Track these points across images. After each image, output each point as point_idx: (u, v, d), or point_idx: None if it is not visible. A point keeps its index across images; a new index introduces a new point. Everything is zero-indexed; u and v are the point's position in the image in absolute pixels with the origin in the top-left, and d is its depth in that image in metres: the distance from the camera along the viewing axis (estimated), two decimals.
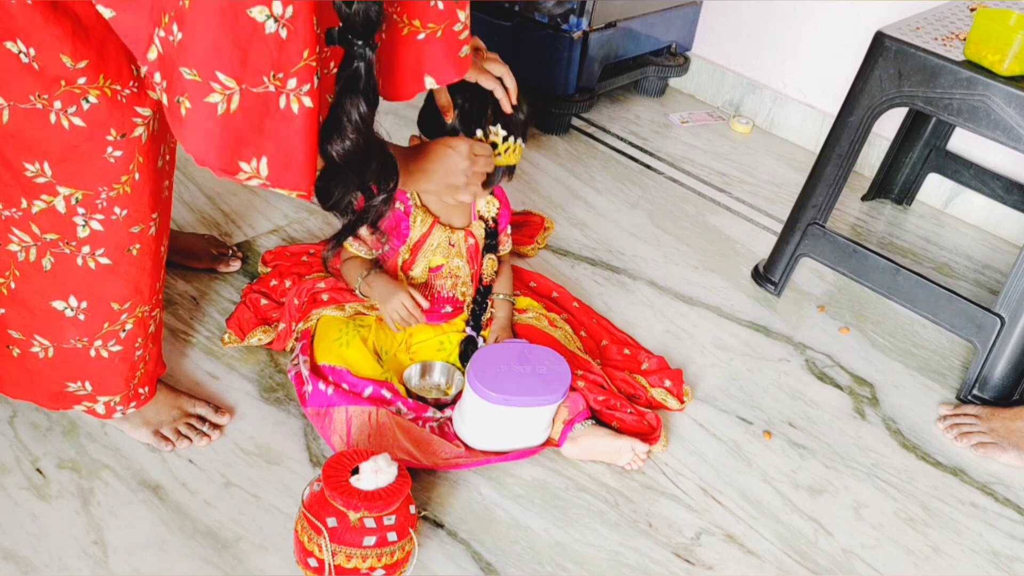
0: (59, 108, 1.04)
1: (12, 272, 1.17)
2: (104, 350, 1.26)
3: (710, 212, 2.21)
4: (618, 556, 1.33)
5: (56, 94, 1.03)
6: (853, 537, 1.43)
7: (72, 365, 1.26)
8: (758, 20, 2.56)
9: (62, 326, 1.22)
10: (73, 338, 1.24)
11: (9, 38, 0.99)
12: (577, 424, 1.44)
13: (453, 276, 1.57)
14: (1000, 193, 2.21)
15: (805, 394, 1.69)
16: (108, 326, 1.24)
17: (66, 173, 1.10)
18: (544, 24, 2.29)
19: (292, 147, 0.98)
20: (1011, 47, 1.49)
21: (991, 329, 1.66)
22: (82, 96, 1.05)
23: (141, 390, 1.34)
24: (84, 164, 1.10)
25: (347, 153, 1.05)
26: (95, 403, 1.31)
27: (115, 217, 1.16)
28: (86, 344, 1.24)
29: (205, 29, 0.90)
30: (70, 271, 1.18)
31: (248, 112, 0.94)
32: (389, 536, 1.16)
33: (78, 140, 1.07)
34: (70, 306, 1.21)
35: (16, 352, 1.25)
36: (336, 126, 1.04)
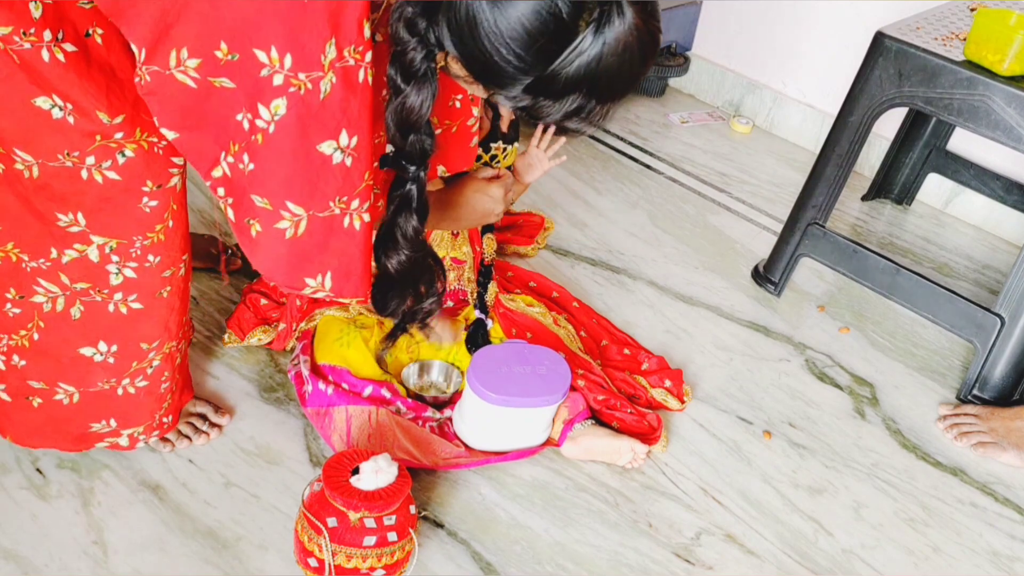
0: (92, 164, 1.04)
1: (36, 323, 1.16)
2: (131, 387, 1.25)
3: (710, 212, 2.21)
4: (618, 556, 1.33)
5: (89, 150, 1.03)
6: (853, 537, 1.43)
7: (98, 406, 1.25)
8: (758, 20, 2.56)
9: (90, 371, 1.21)
10: (101, 381, 1.22)
11: (42, 94, 0.98)
12: (577, 424, 1.44)
13: (457, 266, 1.57)
14: (1000, 193, 2.21)
15: (805, 394, 1.69)
16: (136, 365, 1.23)
17: (100, 223, 1.09)
18: None
19: (352, 260, 1.05)
20: (1011, 47, 1.49)
21: (991, 329, 1.66)
22: (118, 151, 1.04)
23: (165, 419, 1.33)
24: (119, 214, 1.09)
25: (401, 266, 1.11)
26: (119, 437, 1.30)
27: (148, 264, 1.15)
28: (114, 384, 1.23)
29: (277, 165, 0.95)
30: (101, 318, 1.17)
31: (314, 234, 1.00)
32: (389, 536, 1.16)
33: (113, 192, 1.07)
34: (99, 351, 1.19)
35: (37, 402, 1.23)
36: (391, 241, 1.10)
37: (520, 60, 0.92)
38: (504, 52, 0.92)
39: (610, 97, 0.98)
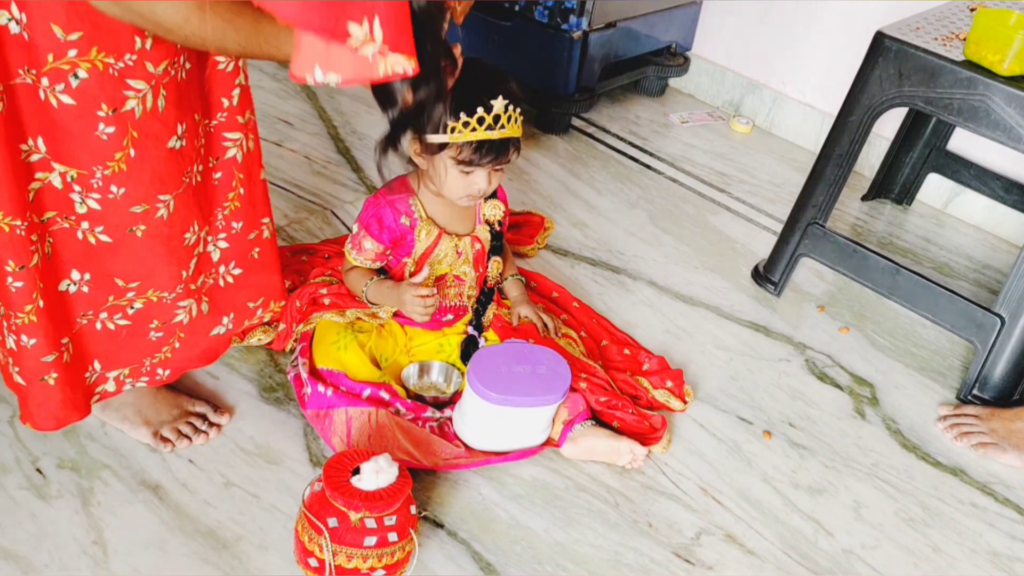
0: (47, 86, 1.01)
1: (37, 289, 1.14)
2: (110, 322, 1.23)
3: (710, 212, 2.21)
4: (618, 556, 1.33)
5: (44, 70, 1.00)
6: (853, 537, 1.43)
7: (83, 349, 1.24)
8: (758, 20, 2.56)
9: (69, 307, 1.19)
10: (79, 315, 1.21)
11: (2, 7, 0.96)
12: (577, 425, 1.44)
13: (457, 283, 1.56)
14: (1000, 193, 2.21)
15: (805, 394, 1.69)
16: (113, 299, 1.21)
17: (59, 150, 1.07)
18: (544, 24, 2.29)
19: (400, 7, 0.89)
20: (1011, 47, 1.49)
21: (991, 329, 1.66)
22: (71, 72, 1.01)
23: (160, 371, 1.32)
24: (76, 142, 1.07)
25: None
26: (106, 382, 1.28)
27: (112, 196, 1.12)
28: (91, 318, 1.22)
29: None
30: (70, 245, 1.15)
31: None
32: (390, 536, 1.16)
33: (68, 118, 1.04)
34: (72, 280, 1.18)
35: (53, 378, 1.21)
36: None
37: None
38: None
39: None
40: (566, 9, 2.23)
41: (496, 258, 1.60)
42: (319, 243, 1.81)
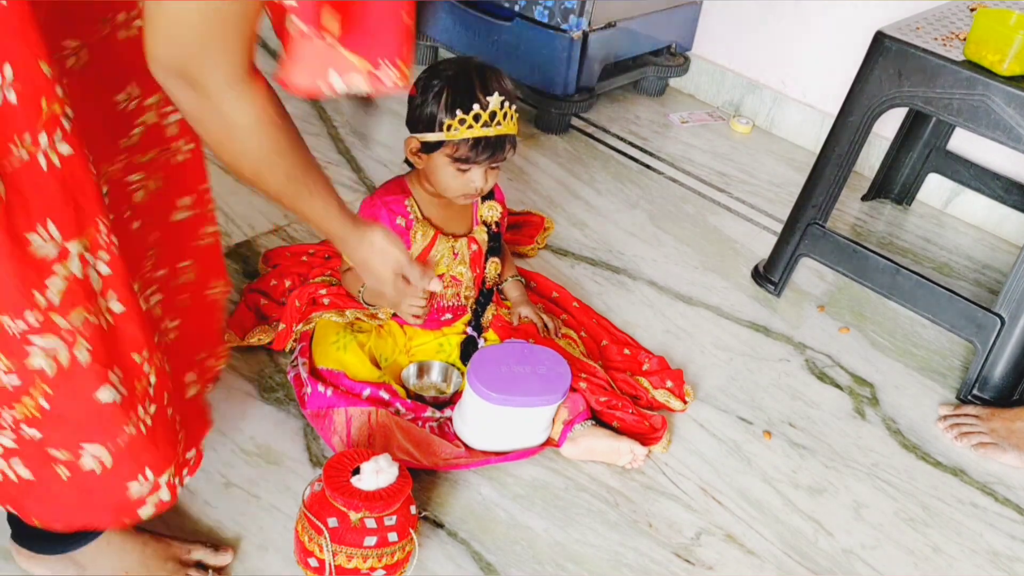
0: (45, 144, 0.84)
1: (41, 390, 0.92)
2: (147, 417, 1.01)
3: (710, 212, 2.21)
4: (618, 556, 1.33)
5: (39, 125, 0.83)
6: (853, 537, 1.43)
7: (132, 460, 1.01)
8: (758, 20, 2.56)
9: (113, 417, 0.97)
10: (126, 424, 0.99)
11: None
12: (577, 425, 1.44)
13: (455, 283, 1.56)
14: (1000, 193, 2.21)
15: (805, 394, 1.69)
16: (139, 386, 1.00)
17: (69, 221, 0.89)
18: (544, 24, 2.29)
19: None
20: (1011, 47, 1.49)
21: (991, 329, 1.66)
22: (63, 114, 0.85)
23: (188, 455, 1.12)
24: (79, 199, 0.90)
25: None
26: (159, 490, 1.06)
27: (115, 249, 0.95)
28: (136, 422, 1.00)
29: None
30: (105, 343, 0.94)
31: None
32: (390, 536, 1.16)
33: (69, 171, 0.88)
34: (112, 384, 0.95)
35: (65, 474, 0.99)
36: None
37: None
38: None
39: None
40: (566, 9, 2.24)
41: (494, 259, 1.60)
42: (319, 243, 1.81)
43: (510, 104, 1.40)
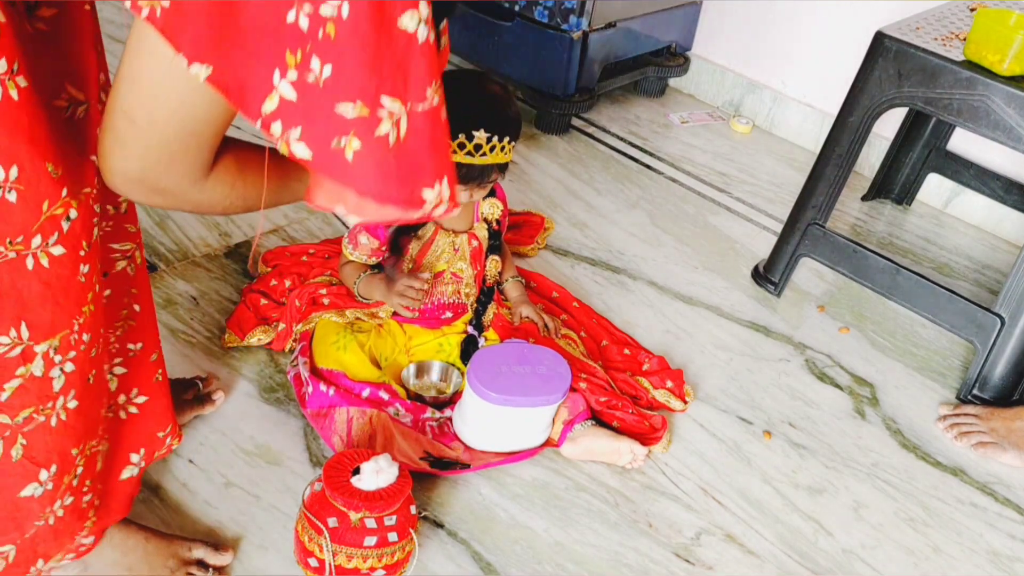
0: (38, 245, 0.83)
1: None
2: (60, 509, 0.98)
3: (710, 212, 2.21)
4: (618, 556, 1.33)
5: (35, 228, 0.82)
6: (853, 537, 1.43)
7: (28, 553, 0.99)
8: (758, 20, 2.56)
9: (29, 512, 0.95)
10: (38, 519, 0.96)
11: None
12: (577, 424, 1.44)
13: (455, 280, 1.56)
14: (1000, 193, 2.21)
15: (805, 394, 1.69)
16: (67, 479, 0.97)
17: (43, 322, 0.86)
18: (544, 24, 2.29)
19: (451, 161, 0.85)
20: (1011, 47, 1.49)
21: (991, 329, 1.66)
22: (64, 216, 0.84)
23: (85, 541, 1.09)
24: (61, 299, 0.87)
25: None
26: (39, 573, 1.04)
27: (83, 347, 0.92)
28: (47, 516, 0.97)
29: (361, 53, 0.74)
30: (43, 438, 0.92)
31: (419, 133, 0.80)
32: (390, 536, 1.16)
33: (56, 273, 0.85)
34: (41, 482, 0.93)
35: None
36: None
37: None
38: None
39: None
40: (566, 9, 2.24)
41: (494, 256, 1.60)
42: (319, 243, 1.81)
43: (500, 139, 1.39)
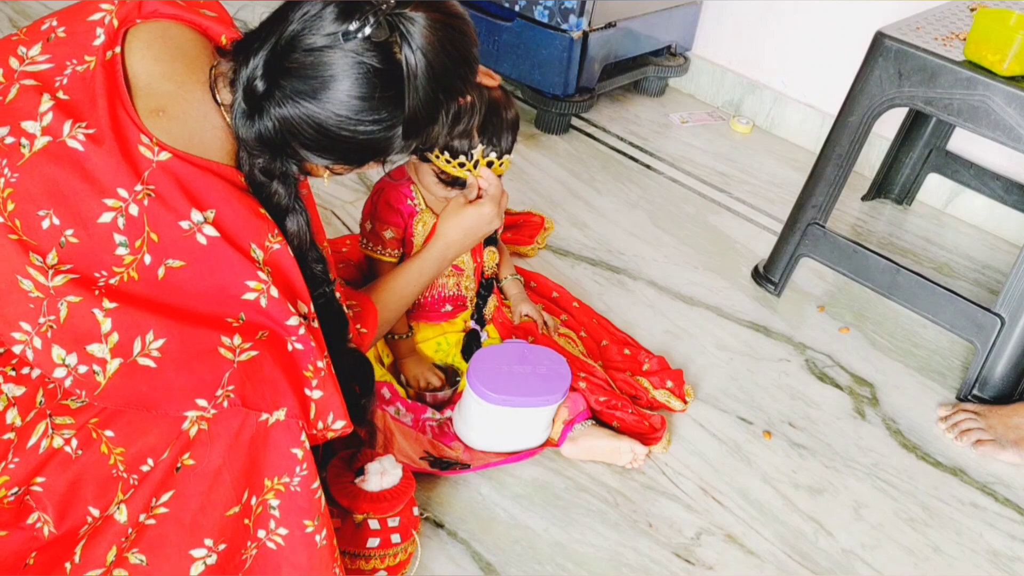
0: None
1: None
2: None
3: (710, 212, 2.21)
4: (618, 556, 1.33)
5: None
6: (853, 537, 1.43)
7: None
8: (758, 20, 2.56)
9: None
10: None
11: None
12: (577, 424, 1.44)
13: (456, 272, 1.56)
14: (1000, 193, 2.21)
15: (805, 394, 1.69)
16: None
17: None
18: (544, 24, 2.29)
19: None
20: (1011, 47, 1.49)
21: (991, 329, 1.66)
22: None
23: None
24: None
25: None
26: None
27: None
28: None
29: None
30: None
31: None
32: (393, 538, 1.16)
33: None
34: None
35: None
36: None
37: (378, 122, 0.96)
38: (362, 128, 0.96)
39: (468, 83, 1.02)
40: (566, 9, 2.24)
41: (491, 247, 1.60)
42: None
43: (499, 156, 1.39)
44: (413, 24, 0.93)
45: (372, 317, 1.26)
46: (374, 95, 0.94)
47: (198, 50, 1.01)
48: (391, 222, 1.48)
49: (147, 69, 0.96)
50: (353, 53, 0.92)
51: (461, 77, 1.01)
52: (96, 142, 0.91)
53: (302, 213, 1.04)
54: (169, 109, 0.96)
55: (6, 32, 2.36)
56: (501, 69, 2.39)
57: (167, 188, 0.93)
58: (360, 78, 0.93)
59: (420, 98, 0.96)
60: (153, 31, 0.99)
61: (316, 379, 0.98)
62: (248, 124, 0.96)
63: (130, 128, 0.93)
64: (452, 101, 1.01)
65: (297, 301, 1.00)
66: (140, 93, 0.95)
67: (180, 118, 0.96)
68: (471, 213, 1.40)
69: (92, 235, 0.91)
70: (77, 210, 0.91)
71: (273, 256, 0.98)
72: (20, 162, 0.91)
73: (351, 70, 0.92)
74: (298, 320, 0.98)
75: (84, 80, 0.94)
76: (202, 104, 0.98)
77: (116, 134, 0.92)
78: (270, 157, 0.98)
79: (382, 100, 0.95)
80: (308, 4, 0.93)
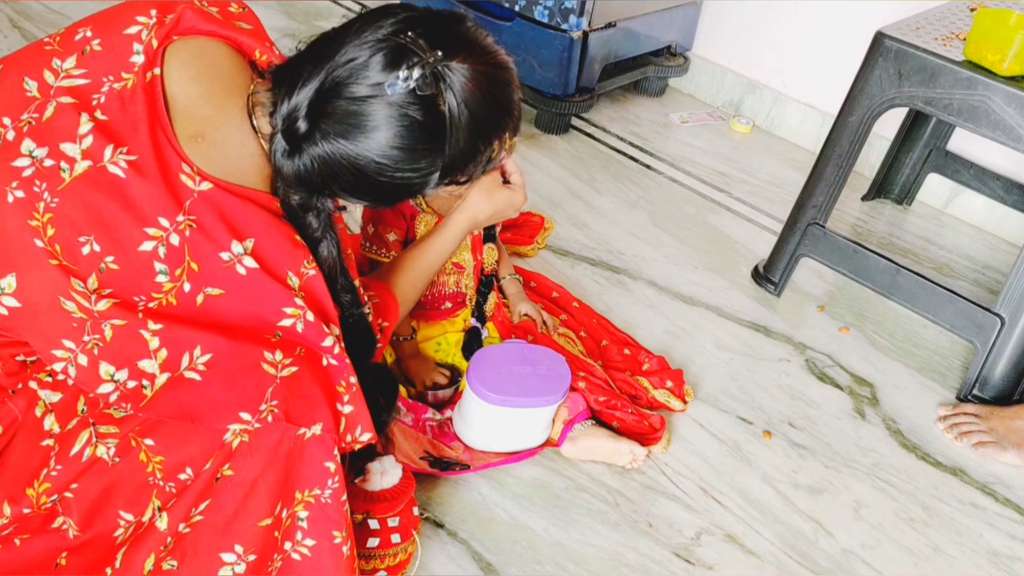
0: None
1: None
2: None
3: (710, 212, 2.21)
4: (618, 556, 1.33)
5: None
6: (853, 537, 1.43)
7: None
8: (758, 20, 2.56)
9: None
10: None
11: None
12: (577, 424, 1.44)
13: (457, 271, 1.56)
14: (1000, 193, 2.21)
15: (805, 394, 1.69)
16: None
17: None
18: (544, 24, 2.29)
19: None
20: (1011, 47, 1.49)
21: (991, 329, 1.66)
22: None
23: None
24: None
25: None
26: None
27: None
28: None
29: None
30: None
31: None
32: (393, 538, 1.16)
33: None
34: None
35: None
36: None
37: (417, 170, 0.97)
38: (400, 175, 0.96)
39: (507, 123, 1.04)
40: (566, 9, 2.24)
41: (489, 244, 1.60)
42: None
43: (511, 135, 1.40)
44: (458, 75, 0.94)
45: (393, 308, 1.26)
46: (416, 147, 0.95)
47: (236, 71, 1.01)
48: (394, 224, 1.48)
49: (185, 91, 0.96)
50: (397, 105, 0.93)
51: (501, 125, 1.02)
52: (138, 169, 0.92)
53: (334, 242, 1.05)
54: (208, 135, 0.96)
55: (6, 32, 2.36)
56: None
57: (208, 219, 0.94)
58: (402, 130, 0.94)
59: (460, 147, 0.97)
60: (191, 50, 0.98)
61: (348, 394, 1.00)
62: (288, 162, 0.97)
63: (171, 156, 0.93)
64: (492, 144, 1.03)
65: (331, 324, 1.02)
66: (179, 116, 0.95)
67: (219, 145, 0.97)
68: (505, 195, 1.38)
69: (132, 262, 0.92)
70: (118, 237, 0.91)
71: (308, 282, 1.00)
72: (60, 187, 0.91)
73: (394, 121, 0.93)
74: (332, 340, 1.00)
75: (123, 100, 0.94)
76: (240, 131, 0.98)
77: (159, 162, 0.93)
78: (307, 194, 1.00)
79: (422, 151, 0.96)
80: (356, 49, 0.93)
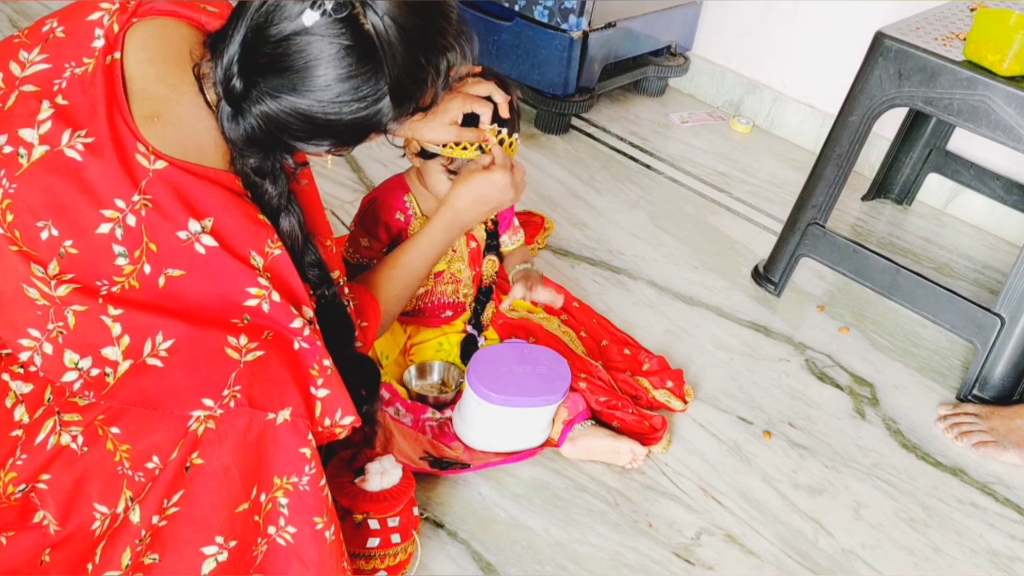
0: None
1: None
2: None
3: (710, 212, 2.21)
4: (618, 556, 1.33)
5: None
6: (853, 537, 1.43)
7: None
8: (758, 20, 2.56)
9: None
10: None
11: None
12: (577, 424, 1.44)
13: (454, 281, 1.56)
14: (1000, 193, 2.21)
15: (805, 394, 1.69)
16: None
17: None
18: (544, 24, 2.29)
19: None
20: (1011, 47, 1.49)
21: (991, 329, 1.66)
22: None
23: None
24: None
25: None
26: None
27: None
28: None
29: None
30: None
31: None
32: (393, 538, 1.16)
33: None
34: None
35: None
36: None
37: (363, 99, 0.94)
38: (348, 108, 0.94)
39: (447, 29, 0.98)
40: (566, 9, 2.24)
41: (491, 256, 1.60)
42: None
43: (510, 133, 1.37)
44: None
45: (373, 309, 1.24)
46: (353, 74, 0.92)
47: (193, 49, 0.99)
48: (370, 231, 1.49)
49: (143, 72, 0.96)
50: (320, 36, 0.90)
51: (439, 31, 0.97)
52: (95, 151, 0.91)
53: (294, 213, 1.03)
54: (164, 115, 0.95)
55: (6, 33, 2.36)
56: (501, 69, 2.39)
57: (164, 198, 0.93)
58: (333, 59, 0.91)
59: (399, 64, 0.93)
60: (149, 30, 0.98)
61: (322, 377, 0.98)
62: (234, 126, 0.95)
63: (127, 136, 0.93)
64: (436, 57, 0.98)
65: (301, 306, 1.00)
66: (136, 97, 0.95)
67: (175, 124, 0.95)
68: (481, 179, 1.32)
69: (91, 246, 0.91)
70: (75, 221, 0.91)
71: (274, 262, 0.98)
72: (18, 172, 0.91)
73: (323, 53, 0.90)
74: (301, 322, 0.98)
75: (83, 84, 0.94)
76: (194, 107, 0.97)
77: (115, 143, 0.92)
78: (262, 156, 0.97)
79: (361, 76, 0.92)
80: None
